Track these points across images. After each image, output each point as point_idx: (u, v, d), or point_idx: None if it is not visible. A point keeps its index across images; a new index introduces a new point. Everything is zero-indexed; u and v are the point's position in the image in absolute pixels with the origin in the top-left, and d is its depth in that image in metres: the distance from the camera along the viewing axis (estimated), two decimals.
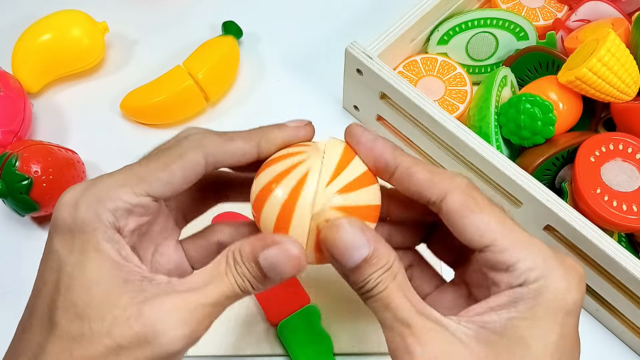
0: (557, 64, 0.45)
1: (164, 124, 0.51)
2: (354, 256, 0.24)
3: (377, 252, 0.24)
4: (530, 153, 0.43)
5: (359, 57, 0.43)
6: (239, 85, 0.53)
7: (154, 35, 0.56)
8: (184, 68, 0.49)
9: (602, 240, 0.36)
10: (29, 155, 0.41)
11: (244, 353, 0.39)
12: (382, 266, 0.24)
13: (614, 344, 0.41)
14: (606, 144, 0.40)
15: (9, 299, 0.42)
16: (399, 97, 0.42)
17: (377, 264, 0.24)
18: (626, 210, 0.38)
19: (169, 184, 0.26)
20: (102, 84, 0.53)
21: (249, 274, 0.25)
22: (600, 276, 0.38)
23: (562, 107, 0.42)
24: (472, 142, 0.40)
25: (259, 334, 0.40)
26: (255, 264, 0.25)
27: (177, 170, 0.26)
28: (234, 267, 0.25)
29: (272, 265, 0.25)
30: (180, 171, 0.26)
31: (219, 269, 0.25)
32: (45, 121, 0.51)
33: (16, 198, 0.41)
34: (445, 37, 0.50)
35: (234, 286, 0.25)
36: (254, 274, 0.25)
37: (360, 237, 0.24)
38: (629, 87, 0.41)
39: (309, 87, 0.53)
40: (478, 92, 0.46)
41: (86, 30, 0.50)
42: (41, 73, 0.50)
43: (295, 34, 0.56)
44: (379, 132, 0.49)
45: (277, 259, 0.25)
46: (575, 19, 0.49)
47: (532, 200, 0.38)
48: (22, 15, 0.55)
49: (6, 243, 0.45)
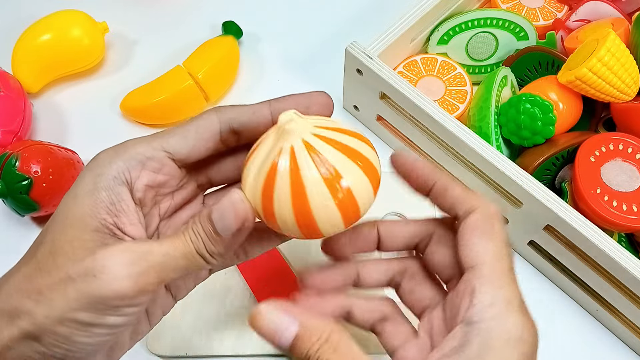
0: (557, 64, 0.45)
1: (164, 124, 0.51)
2: (282, 338, 0.24)
3: (307, 327, 0.24)
4: (530, 153, 0.43)
5: (359, 57, 0.43)
6: (239, 85, 0.53)
7: (154, 35, 0.56)
8: (184, 68, 0.49)
9: (602, 240, 0.36)
10: (29, 155, 0.41)
11: (244, 353, 0.39)
12: (318, 339, 0.24)
13: (614, 344, 0.41)
14: (606, 144, 0.40)
15: None
16: (399, 97, 0.42)
17: (311, 338, 0.24)
18: (626, 210, 0.38)
19: (183, 138, 0.27)
20: (102, 84, 0.53)
21: (202, 231, 0.25)
22: (600, 276, 0.38)
23: (562, 107, 0.42)
24: (472, 142, 0.40)
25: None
26: (209, 220, 0.25)
27: (191, 127, 0.27)
28: (190, 227, 0.26)
29: (220, 216, 0.25)
30: (194, 127, 0.27)
31: (179, 232, 0.26)
32: (45, 121, 0.51)
33: (16, 198, 0.41)
34: (445, 37, 0.50)
35: (187, 243, 0.25)
36: (206, 230, 0.25)
37: (282, 319, 0.24)
38: (629, 87, 0.41)
39: (309, 87, 0.53)
40: (478, 92, 0.46)
41: (86, 30, 0.50)
42: (41, 73, 0.50)
43: (295, 34, 0.56)
44: (379, 132, 0.49)
45: (223, 209, 0.25)
46: (575, 19, 0.49)
47: (532, 200, 0.38)
48: (22, 15, 0.55)
49: (6, 243, 0.45)
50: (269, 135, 0.25)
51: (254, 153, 0.26)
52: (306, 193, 0.23)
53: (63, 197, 0.26)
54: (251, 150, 0.26)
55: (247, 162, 0.26)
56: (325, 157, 0.23)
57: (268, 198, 0.24)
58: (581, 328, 0.42)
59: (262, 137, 0.26)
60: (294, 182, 0.23)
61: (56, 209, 0.26)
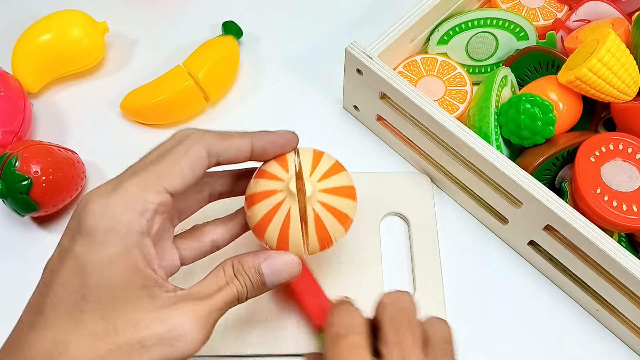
0: (557, 64, 0.45)
1: (164, 124, 0.51)
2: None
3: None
4: (530, 153, 0.43)
5: (359, 57, 0.43)
6: (239, 85, 0.53)
7: (154, 35, 0.56)
8: (184, 68, 0.49)
9: (602, 240, 0.36)
10: (29, 156, 0.41)
11: (244, 353, 0.39)
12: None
13: (614, 344, 0.41)
14: (606, 144, 0.40)
15: (9, 299, 0.42)
16: (399, 97, 0.42)
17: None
18: (626, 210, 0.38)
19: (182, 178, 0.29)
20: (102, 84, 0.53)
21: (250, 282, 0.30)
22: (600, 276, 0.38)
23: (562, 107, 0.42)
24: (472, 142, 0.40)
25: (259, 334, 0.40)
26: (257, 272, 0.30)
27: (185, 165, 0.29)
28: (234, 277, 0.30)
29: (273, 271, 0.30)
30: (188, 165, 0.29)
31: (219, 278, 0.30)
32: (45, 121, 0.51)
33: (16, 198, 0.41)
34: (445, 37, 0.50)
35: (234, 293, 0.29)
36: (254, 281, 0.30)
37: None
38: (629, 87, 0.41)
39: (309, 87, 0.53)
40: (478, 92, 0.46)
41: (86, 30, 0.50)
42: (41, 73, 0.50)
43: (295, 34, 0.56)
44: (379, 132, 0.49)
45: (278, 266, 0.31)
46: (575, 19, 0.49)
47: (532, 200, 0.38)
48: (22, 15, 0.55)
49: (6, 243, 0.45)
50: (277, 195, 0.32)
51: (263, 201, 0.33)
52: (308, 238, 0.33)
53: (88, 262, 0.26)
54: (254, 193, 0.33)
55: (254, 205, 0.33)
56: (324, 225, 0.33)
57: (284, 236, 0.32)
58: (581, 328, 0.42)
59: (265, 185, 0.33)
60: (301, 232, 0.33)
61: (87, 276, 0.26)
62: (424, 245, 0.44)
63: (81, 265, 0.26)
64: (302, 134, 0.50)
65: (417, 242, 0.44)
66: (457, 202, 0.47)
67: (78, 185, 0.44)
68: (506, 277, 0.44)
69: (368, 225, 0.44)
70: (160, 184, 0.28)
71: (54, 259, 0.28)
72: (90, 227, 0.27)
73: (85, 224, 0.27)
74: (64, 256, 0.27)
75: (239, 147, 0.31)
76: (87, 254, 0.26)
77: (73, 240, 0.27)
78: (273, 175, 0.33)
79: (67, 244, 0.27)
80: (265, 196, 0.33)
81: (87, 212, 0.27)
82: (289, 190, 0.32)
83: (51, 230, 0.45)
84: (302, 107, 0.52)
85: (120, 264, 0.26)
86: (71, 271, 0.26)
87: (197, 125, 0.50)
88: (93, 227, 0.26)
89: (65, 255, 0.27)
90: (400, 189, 0.46)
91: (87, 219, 0.27)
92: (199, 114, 0.51)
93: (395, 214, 0.45)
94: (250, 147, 0.32)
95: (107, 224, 0.27)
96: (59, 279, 0.26)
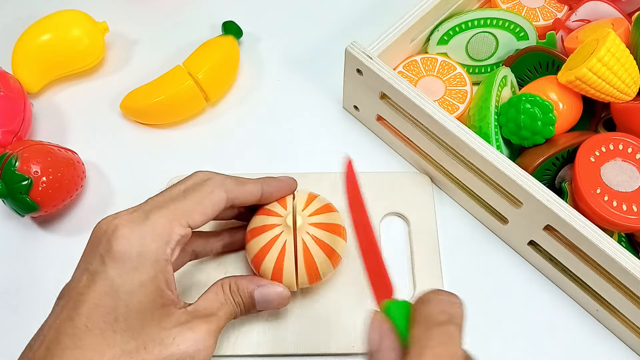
0: (557, 64, 0.45)
1: (164, 124, 0.51)
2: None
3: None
4: (530, 153, 0.43)
5: (359, 57, 0.43)
6: (239, 85, 0.53)
7: (154, 35, 0.56)
8: (184, 68, 0.49)
9: (602, 240, 0.36)
10: (29, 156, 0.41)
11: (244, 353, 0.39)
12: None
13: (614, 344, 0.41)
14: (606, 144, 0.40)
15: (9, 298, 0.42)
16: (399, 97, 0.42)
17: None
18: (626, 210, 0.38)
19: (203, 215, 0.33)
20: (102, 84, 0.53)
21: (243, 303, 0.35)
22: (600, 276, 0.38)
23: (562, 107, 0.42)
24: (472, 142, 0.40)
25: (259, 334, 0.40)
26: (250, 297, 0.35)
27: (208, 205, 0.33)
28: (231, 297, 0.34)
29: (265, 299, 0.35)
30: (210, 205, 0.33)
31: (219, 295, 0.34)
32: (45, 121, 0.51)
33: (16, 198, 0.41)
34: (445, 37, 0.50)
35: (234, 311, 0.34)
36: (246, 303, 0.35)
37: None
38: (629, 87, 0.41)
39: (309, 87, 0.53)
40: (478, 92, 0.46)
41: (86, 30, 0.50)
42: (41, 73, 0.50)
43: (295, 34, 0.56)
44: (379, 132, 0.49)
45: (270, 296, 0.35)
46: (575, 19, 0.49)
47: (532, 200, 0.38)
48: (22, 15, 0.55)
49: (6, 243, 0.45)
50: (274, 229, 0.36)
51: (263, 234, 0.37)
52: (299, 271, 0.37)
53: (120, 284, 0.29)
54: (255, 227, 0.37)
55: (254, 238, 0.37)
56: (312, 258, 0.37)
57: (279, 268, 0.36)
58: (581, 328, 0.42)
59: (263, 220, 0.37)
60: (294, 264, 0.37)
61: (118, 298, 0.29)
62: (424, 245, 0.44)
63: (113, 287, 0.29)
64: (302, 134, 0.51)
65: (417, 242, 0.44)
66: (457, 202, 0.47)
67: (78, 185, 0.44)
68: (506, 277, 0.44)
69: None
70: (185, 218, 0.32)
71: (82, 281, 0.30)
72: (123, 252, 0.29)
73: (118, 248, 0.29)
74: (95, 278, 0.29)
75: (252, 192, 0.36)
76: (120, 276, 0.29)
77: (104, 263, 0.29)
78: (273, 212, 0.37)
79: (98, 267, 0.29)
80: (264, 230, 0.37)
81: (118, 237, 0.30)
82: (286, 224, 0.36)
83: (51, 230, 0.45)
84: (302, 107, 0.52)
85: (149, 287, 0.30)
86: (103, 292, 0.29)
87: (197, 125, 0.51)
88: (126, 253, 0.29)
89: (96, 277, 0.29)
90: (400, 189, 0.46)
91: (120, 244, 0.29)
92: (199, 114, 0.51)
93: (395, 214, 0.45)
94: (260, 192, 0.36)
95: (139, 251, 0.30)
96: (91, 300, 0.29)
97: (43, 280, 0.43)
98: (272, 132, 0.50)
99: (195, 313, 0.32)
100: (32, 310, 0.41)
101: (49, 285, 0.43)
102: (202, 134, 0.50)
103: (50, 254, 0.44)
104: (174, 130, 0.50)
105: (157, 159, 0.49)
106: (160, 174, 0.47)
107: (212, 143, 0.50)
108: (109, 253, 0.29)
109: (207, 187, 0.34)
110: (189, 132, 0.50)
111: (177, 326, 0.31)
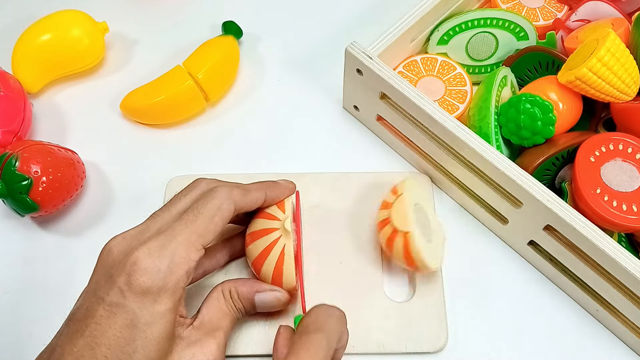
0: (557, 64, 0.45)
1: (164, 124, 0.51)
2: None
3: None
4: (530, 153, 0.43)
5: (359, 57, 0.43)
6: (239, 85, 0.53)
7: (154, 35, 0.56)
8: (184, 68, 0.49)
9: (602, 240, 0.36)
10: (29, 156, 0.41)
11: (244, 353, 0.39)
12: None
13: (614, 344, 0.41)
14: (606, 144, 0.40)
15: (9, 299, 0.42)
16: (399, 97, 0.42)
17: None
18: (626, 210, 0.38)
19: (215, 233, 0.33)
20: (102, 84, 0.53)
21: (244, 308, 0.36)
22: (600, 276, 0.38)
23: (562, 107, 0.42)
24: (472, 142, 0.40)
25: (259, 334, 0.40)
26: (250, 302, 0.36)
27: (219, 221, 0.33)
28: (233, 305, 0.35)
29: (264, 304, 0.37)
30: (221, 222, 0.33)
31: (221, 303, 0.35)
32: (45, 121, 0.51)
33: (16, 198, 0.41)
34: (445, 37, 0.50)
35: (236, 316, 0.36)
36: (247, 308, 0.36)
37: None
38: (629, 87, 0.41)
39: (309, 87, 0.53)
40: (478, 92, 0.46)
41: (86, 30, 0.50)
42: (41, 73, 0.50)
43: (295, 34, 0.56)
44: (379, 132, 0.49)
45: (269, 302, 0.37)
46: (575, 19, 0.49)
47: (532, 200, 0.38)
48: (22, 15, 0.55)
49: (6, 243, 0.45)
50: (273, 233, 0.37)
51: (262, 238, 0.37)
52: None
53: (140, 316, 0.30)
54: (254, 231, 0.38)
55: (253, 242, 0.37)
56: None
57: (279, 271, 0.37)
58: (581, 328, 0.42)
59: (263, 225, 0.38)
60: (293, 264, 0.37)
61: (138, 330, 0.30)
62: None
63: (133, 320, 0.29)
64: (302, 134, 0.51)
65: None
66: (457, 202, 0.47)
67: (78, 185, 0.44)
68: (506, 277, 0.44)
69: (368, 225, 0.44)
70: (199, 242, 0.32)
71: (99, 311, 0.30)
72: (145, 288, 0.30)
73: (139, 284, 0.30)
74: (115, 310, 0.29)
75: (257, 201, 0.36)
76: (140, 309, 0.29)
77: (124, 297, 0.30)
78: (271, 215, 0.38)
79: (117, 299, 0.30)
80: (263, 234, 0.37)
81: (138, 271, 0.30)
82: (284, 228, 0.36)
83: (51, 231, 0.45)
84: (302, 107, 0.52)
85: (168, 317, 0.30)
86: (123, 325, 0.29)
87: (197, 125, 0.51)
88: (148, 287, 0.30)
89: (115, 309, 0.29)
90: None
91: (141, 280, 0.30)
92: (199, 114, 0.51)
93: None
94: (264, 198, 0.37)
95: (160, 285, 0.30)
96: (110, 332, 0.29)
97: (43, 280, 0.43)
98: (272, 132, 0.50)
99: (203, 328, 0.33)
100: (32, 310, 0.41)
101: (49, 285, 0.43)
102: (202, 134, 0.50)
103: (50, 254, 0.44)
104: (174, 130, 0.50)
105: (157, 159, 0.49)
106: (160, 174, 0.47)
107: (212, 143, 0.50)
108: (130, 287, 0.30)
109: (215, 201, 0.33)
110: (189, 132, 0.50)
111: (189, 347, 0.32)
